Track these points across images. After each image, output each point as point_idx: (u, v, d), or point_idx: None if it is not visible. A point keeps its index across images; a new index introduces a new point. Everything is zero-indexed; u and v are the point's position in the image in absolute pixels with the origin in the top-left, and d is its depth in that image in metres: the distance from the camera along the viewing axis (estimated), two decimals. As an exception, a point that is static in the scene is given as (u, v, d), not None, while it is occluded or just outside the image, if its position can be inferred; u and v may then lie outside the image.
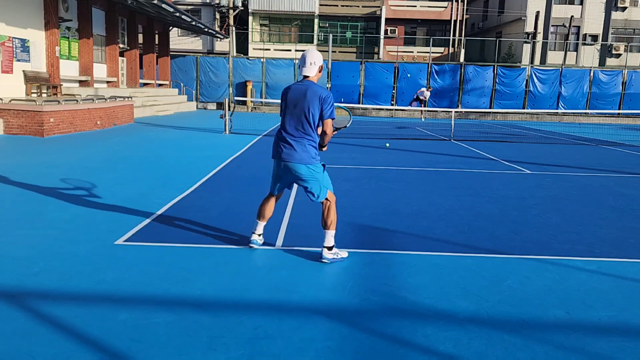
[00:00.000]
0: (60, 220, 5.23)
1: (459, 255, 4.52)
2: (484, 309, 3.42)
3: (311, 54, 4.12)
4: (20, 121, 12.48)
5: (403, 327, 3.13)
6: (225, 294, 3.55)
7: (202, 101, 30.23)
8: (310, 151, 4.07)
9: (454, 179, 8.62)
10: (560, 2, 36.21)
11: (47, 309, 3.20)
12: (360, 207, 6.28)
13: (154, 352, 2.75)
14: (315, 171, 4.10)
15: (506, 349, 2.90)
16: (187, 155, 10.45)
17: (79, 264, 4.00)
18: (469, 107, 29.60)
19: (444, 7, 36.17)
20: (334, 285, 3.75)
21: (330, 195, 4.19)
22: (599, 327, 3.23)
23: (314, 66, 4.10)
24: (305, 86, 4.06)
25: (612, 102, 30.90)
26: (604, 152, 13.68)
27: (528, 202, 6.87)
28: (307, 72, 4.12)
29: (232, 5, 29.32)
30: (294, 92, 4.10)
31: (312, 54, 4.12)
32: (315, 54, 4.13)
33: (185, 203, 6.16)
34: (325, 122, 4.06)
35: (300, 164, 4.05)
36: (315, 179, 4.10)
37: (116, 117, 16.36)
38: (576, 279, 4.04)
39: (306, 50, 4.18)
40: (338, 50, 35.13)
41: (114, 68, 21.85)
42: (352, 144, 13.50)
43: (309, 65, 4.10)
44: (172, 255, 4.26)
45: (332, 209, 4.17)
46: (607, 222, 5.90)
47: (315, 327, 3.06)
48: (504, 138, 17.41)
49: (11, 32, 14.82)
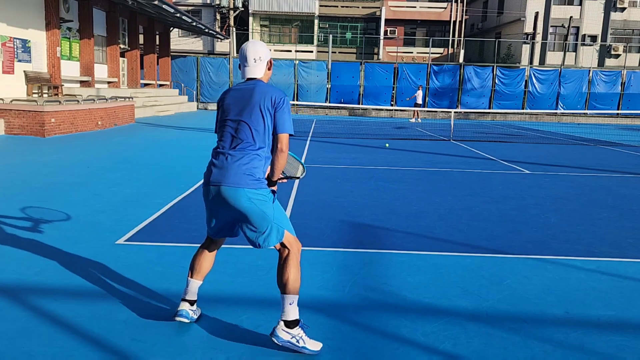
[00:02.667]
0: (61, 219, 5.25)
1: (458, 255, 4.54)
2: (483, 308, 3.44)
3: (254, 47, 2.87)
4: (22, 121, 12.49)
5: (403, 326, 3.14)
6: (226, 293, 3.57)
7: (202, 102, 30.27)
8: (252, 171, 2.73)
9: (453, 179, 8.64)
10: (559, 2, 36.23)
11: (48, 308, 3.22)
12: (360, 207, 6.29)
13: (154, 351, 2.76)
14: (260, 199, 2.73)
15: (505, 348, 2.92)
16: (188, 155, 10.47)
17: (80, 263, 4.02)
18: (469, 108, 29.62)
19: (443, 7, 36.19)
20: (333, 285, 3.76)
21: (291, 240, 2.84)
22: (598, 326, 3.25)
23: (260, 63, 2.88)
24: (251, 86, 2.85)
25: (610, 102, 30.92)
26: (602, 152, 13.70)
27: (527, 202, 6.88)
28: (252, 73, 2.88)
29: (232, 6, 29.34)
30: (234, 94, 2.87)
31: (255, 47, 2.87)
32: (259, 46, 2.88)
33: (186, 203, 6.17)
34: (280, 136, 2.79)
35: (237, 188, 2.70)
36: (261, 211, 2.73)
37: (117, 118, 16.38)
38: (575, 279, 4.05)
39: (246, 43, 2.92)
40: (338, 51, 35.15)
41: (115, 68, 21.88)
42: (352, 144, 13.52)
43: (252, 62, 2.87)
44: (173, 255, 4.27)
45: (293, 262, 2.80)
46: (606, 222, 5.91)
47: (315, 326, 3.07)
48: (503, 138, 17.43)
49: (12, 32, 14.84)
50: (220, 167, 2.76)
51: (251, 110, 2.77)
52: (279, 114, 2.78)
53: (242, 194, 2.69)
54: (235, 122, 2.81)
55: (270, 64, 2.94)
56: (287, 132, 2.80)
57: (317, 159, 10.46)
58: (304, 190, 7.05)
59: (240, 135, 2.78)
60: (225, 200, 2.74)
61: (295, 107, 30.01)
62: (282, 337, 2.71)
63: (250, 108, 2.77)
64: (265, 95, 2.79)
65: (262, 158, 2.80)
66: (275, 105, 2.78)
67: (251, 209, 2.71)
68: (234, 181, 2.70)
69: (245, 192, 2.69)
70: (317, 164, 9.74)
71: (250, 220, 2.74)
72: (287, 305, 2.75)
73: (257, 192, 2.72)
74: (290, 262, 2.79)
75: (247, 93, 2.82)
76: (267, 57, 2.92)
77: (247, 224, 2.76)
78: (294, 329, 2.72)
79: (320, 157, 10.77)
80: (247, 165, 2.73)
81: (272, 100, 2.78)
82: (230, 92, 2.91)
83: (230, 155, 2.76)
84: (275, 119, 2.79)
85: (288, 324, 2.73)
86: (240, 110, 2.80)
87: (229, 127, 2.83)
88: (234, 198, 2.70)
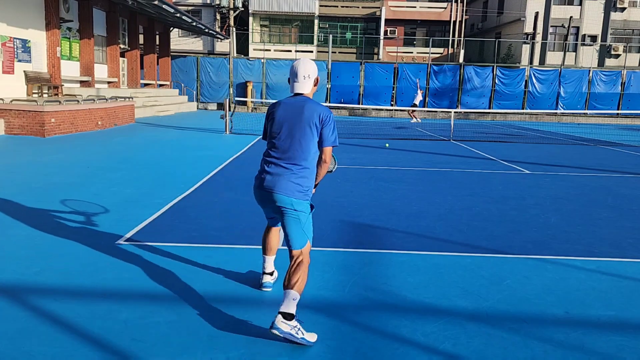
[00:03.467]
0: (61, 219, 5.25)
1: (458, 255, 4.54)
2: (483, 308, 3.44)
3: (304, 66, 3.24)
4: (22, 121, 12.50)
5: (403, 326, 3.14)
6: (225, 293, 3.57)
7: (202, 101, 30.27)
8: (301, 183, 3.16)
9: (453, 179, 8.64)
10: (559, 2, 36.23)
11: (48, 308, 3.22)
12: (360, 207, 6.29)
13: (154, 351, 2.76)
14: (302, 210, 3.17)
15: (505, 348, 2.92)
16: (188, 155, 10.47)
17: (80, 263, 4.02)
18: (469, 108, 29.63)
19: (443, 7, 36.18)
20: (333, 285, 3.76)
21: (307, 249, 3.24)
22: (598, 326, 3.25)
23: (309, 80, 3.25)
24: (301, 102, 3.20)
25: (610, 102, 30.93)
26: (602, 152, 13.70)
27: (527, 202, 6.88)
28: (301, 89, 3.25)
29: (232, 6, 29.33)
30: (285, 109, 3.22)
31: (305, 66, 3.24)
32: (309, 65, 3.26)
33: (186, 203, 6.17)
34: (325, 149, 3.22)
35: (285, 196, 3.12)
36: (298, 219, 3.17)
37: (117, 118, 16.38)
38: (575, 279, 4.05)
39: (297, 61, 3.30)
40: (338, 51, 35.13)
41: (115, 68, 21.88)
42: (352, 144, 13.52)
43: (302, 79, 3.24)
44: (173, 255, 4.27)
45: (304, 267, 3.14)
46: (606, 222, 5.91)
47: (315, 326, 3.07)
48: (503, 138, 17.43)
49: (12, 32, 14.84)
50: (273, 175, 3.17)
51: (303, 127, 3.16)
52: (325, 129, 3.19)
53: (291, 202, 3.13)
54: (288, 137, 3.18)
55: (317, 81, 3.31)
56: (331, 145, 3.23)
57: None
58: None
59: (292, 149, 3.17)
60: (273, 202, 3.19)
61: (295, 107, 29.95)
62: (283, 329, 2.86)
63: (302, 125, 3.16)
64: (314, 113, 3.17)
65: (311, 171, 3.23)
66: (322, 122, 3.18)
67: (294, 214, 3.16)
68: (285, 190, 3.12)
69: (293, 200, 3.13)
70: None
71: (289, 222, 3.17)
72: (290, 301, 2.96)
73: (302, 202, 3.16)
74: (303, 266, 3.13)
75: (298, 110, 3.19)
76: (315, 75, 3.29)
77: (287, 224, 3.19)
78: (291, 321, 2.90)
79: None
80: (298, 179, 3.15)
81: (320, 118, 3.17)
82: (281, 106, 3.27)
83: (283, 167, 3.16)
84: (321, 134, 3.19)
85: (286, 317, 2.90)
86: (292, 126, 3.17)
87: (282, 140, 3.20)
88: (283, 203, 3.15)
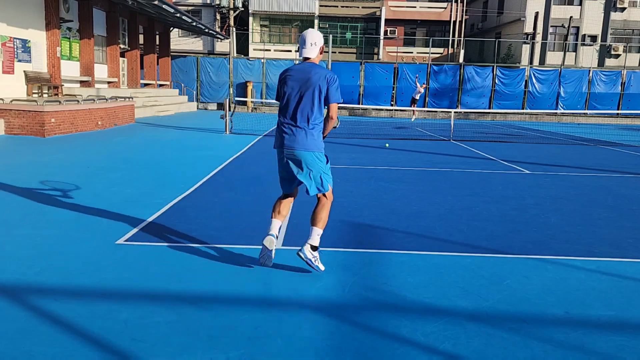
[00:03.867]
0: (61, 219, 5.25)
1: (458, 255, 4.54)
2: (483, 308, 3.44)
3: (312, 34, 3.86)
4: (22, 121, 12.50)
5: (403, 326, 3.14)
6: (225, 293, 3.57)
7: (202, 101, 30.28)
8: (317, 138, 3.81)
9: (453, 179, 8.64)
10: (559, 2, 36.23)
11: (48, 308, 3.22)
12: (360, 207, 6.29)
13: (154, 351, 2.76)
14: (320, 160, 3.83)
15: (505, 348, 2.92)
16: (188, 155, 10.47)
17: (80, 263, 4.02)
18: (469, 108, 29.63)
19: (443, 7, 36.18)
20: (333, 285, 3.76)
21: (330, 192, 3.93)
22: (598, 326, 3.25)
23: (315, 47, 3.86)
24: (309, 67, 3.80)
25: (610, 102, 30.93)
26: (602, 152, 13.70)
27: (527, 202, 6.88)
28: (308, 54, 3.86)
29: (232, 6, 29.34)
30: (295, 75, 3.81)
31: (312, 34, 3.86)
32: (316, 34, 3.87)
33: (186, 203, 6.17)
34: (331, 105, 3.80)
35: (305, 151, 3.76)
36: (320, 168, 3.82)
37: (117, 118, 16.39)
38: (575, 279, 4.05)
39: (305, 31, 3.90)
40: (338, 51, 35.13)
41: (115, 68, 21.88)
42: (352, 144, 13.52)
43: (309, 46, 3.84)
44: (173, 255, 4.27)
45: (327, 208, 3.89)
46: (606, 222, 5.91)
47: (315, 326, 3.08)
48: (503, 138, 17.43)
49: (12, 32, 14.84)
50: (290, 135, 3.80)
51: (312, 89, 3.74)
52: (331, 88, 3.76)
53: (311, 154, 3.78)
54: (299, 99, 3.78)
55: (322, 49, 3.90)
56: (336, 102, 3.79)
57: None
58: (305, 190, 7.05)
59: (304, 109, 3.77)
60: (295, 160, 3.81)
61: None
62: (307, 255, 3.80)
63: (312, 88, 3.74)
64: (320, 76, 3.75)
65: (320, 127, 3.85)
66: (328, 82, 3.75)
67: (316, 163, 3.81)
68: (303, 145, 3.76)
69: (313, 153, 3.79)
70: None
71: (312, 171, 3.81)
72: (315, 235, 3.84)
73: (321, 153, 3.84)
74: (326, 206, 3.90)
75: (306, 74, 3.77)
76: (321, 42, 3.89)
77: (309, 173, 3.82)
78: (314, 252, 3.83)
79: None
80: (312, 134, 3.79)
81: (326, 79, 3.75)
82: (291, 71, 3.85)
83: (298, 127, 3.78)
84: (327, 93, 3.76)
85: (313, 248, 3.83)
86: (302, 89, 3.77)
87: (294, 102, 3.80)
88: (304, 157, 3.78)
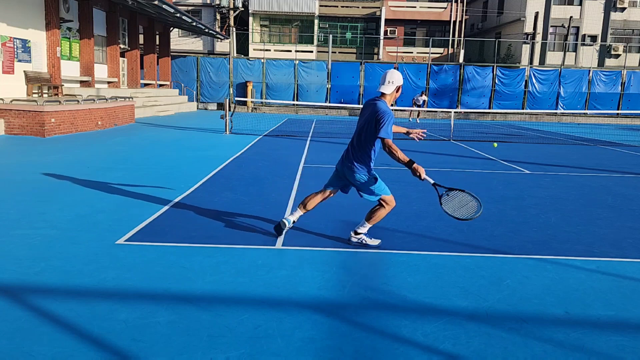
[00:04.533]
0: (61, 220, 5.25)
1: (458, 255, 4.54)
2: (483, 308, 3.44)
3: (391, 74, 4.40)
4: (22, 121, 12.50)
5: (402, 326, 3.14)
6: (226, 293, 3.57)
7: (202, 101, 30.27)
8: (363, 162, 4.42)
9: (453, 179, 8.64)
10: (559, 2, 36.23)
11: (49, 308, 3.22)
12: (360, 207, 6.28)
13: (154, 351, 2.76)
14: (366, 181, 4.45)
15: (505, 348, 2.92)
16: (188, 155, 10.47)
17: (80, 263, 4.02)
18: (469, 108, 29.64)
19: (443, 7, 36.18)
20: (333, 285, 3.76)
21: (389, 199, 4.54)
22: (598, 326, 3.25)
23: (391, 85, 4.37)
24: (375, 102, 4.38)
25: (610, 102, 30.93)
26: (602, 152, 13.70)
27: (527, 202, 6.88)
28: (383, 90, 4.39)
29: (232, 6, 29.34)
30: (365, 105, 4.49)
31: (392, 74, 4.40)
32: (396, 75, 4.39)
33: (186, 203, 6.17)
34: (381, 140, 4.27)
35: (353, 173, 4.44)
36: (365, 186, 4.47)
37: (117, 118, 16.39)
38: (575, 279, 4.05)
39: (388, 70, 4.47)
40: (338, 51, 35.14)
41: (115, 68, 21.88)
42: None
43: (386, 83, 4.38)
44: (173, 255, 4.28)
45: (383, 212, 4.54)
46: (605, 222, 5.91)
47: (315, 326, 3.08)
48: (503, 138, 17.42)
49: (12, 32, 14.84)
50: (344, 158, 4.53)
51: (369, 122, 4.35)
52: (378, 124, 4.26)
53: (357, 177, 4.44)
54: (360, 128, 4.46)
55: (398, 88, 4.41)
56: (381, 136, 4.26)
57: (317, 159, 10.46)
58: (304, 190, 7.06)
59: (359, 136, 4.44)
60: (347, 176, 4.53)
61: (295, 107, 30.04)
62: (353, 240, 4.66)
63: (367, 119, 4.38)
64: (374, 111, 4.32)
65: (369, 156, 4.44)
66: (376, 118, 4.27)
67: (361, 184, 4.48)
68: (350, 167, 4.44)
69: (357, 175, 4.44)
70: (317, 164, 9.74)
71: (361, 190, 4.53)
72: (361, 226, 4.64)
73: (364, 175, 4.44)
74: (382, 210, 4.56)
75: (370, 108, 4.39)
76: (398, 82, 4.41)
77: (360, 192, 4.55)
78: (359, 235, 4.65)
79: (320, 157, 10.78)
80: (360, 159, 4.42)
81: (379, 114, 4.27)
82: (365, 104, 4.50)
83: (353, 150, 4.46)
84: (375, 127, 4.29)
85: (357, 233, 4.65)
86: (362, 121, 4.46)
87: (357, 130, 4.51)
88: (351, 178, 4.49)
